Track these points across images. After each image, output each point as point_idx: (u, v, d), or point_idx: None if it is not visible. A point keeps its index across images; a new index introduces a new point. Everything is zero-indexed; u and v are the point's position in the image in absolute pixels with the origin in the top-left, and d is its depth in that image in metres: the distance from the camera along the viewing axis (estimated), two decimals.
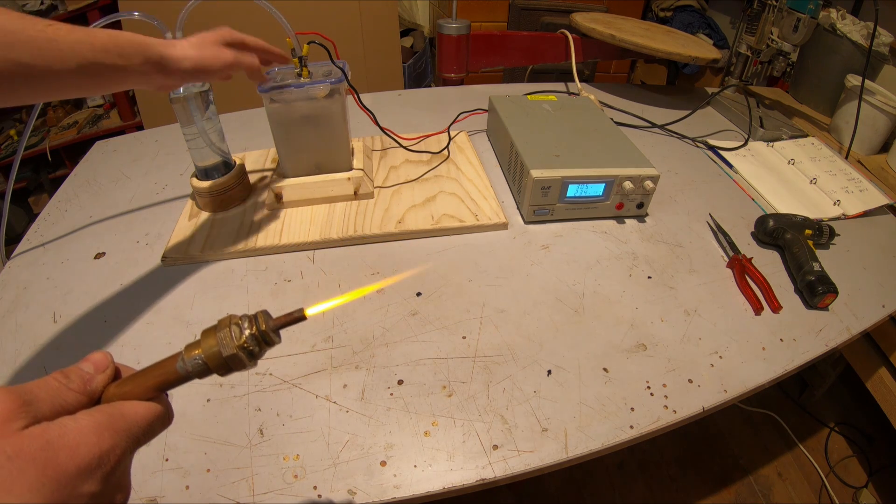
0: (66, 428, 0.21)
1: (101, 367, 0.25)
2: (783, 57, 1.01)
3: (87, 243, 0.66)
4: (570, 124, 0.77)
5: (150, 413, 0.24)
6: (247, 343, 0.24)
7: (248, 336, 0.24)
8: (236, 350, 0.24)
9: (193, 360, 0.24)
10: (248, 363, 0.25)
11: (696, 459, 1.19)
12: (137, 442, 0.23)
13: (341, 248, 0.64)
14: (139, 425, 0.23)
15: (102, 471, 0.21)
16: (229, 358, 0.24)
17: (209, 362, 0.24)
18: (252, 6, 0.58)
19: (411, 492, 0.41)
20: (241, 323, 0.25)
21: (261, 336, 0.25)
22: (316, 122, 0.65)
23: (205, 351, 0.24)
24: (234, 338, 0.24)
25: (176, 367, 0.25)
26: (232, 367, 0.25)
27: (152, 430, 0.24)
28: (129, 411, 0.23)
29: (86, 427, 0.21)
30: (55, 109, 1.95)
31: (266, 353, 0.26)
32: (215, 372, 0.25)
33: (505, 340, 0.53)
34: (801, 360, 0.53)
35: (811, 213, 0.73)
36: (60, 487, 0.19)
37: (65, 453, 0.20)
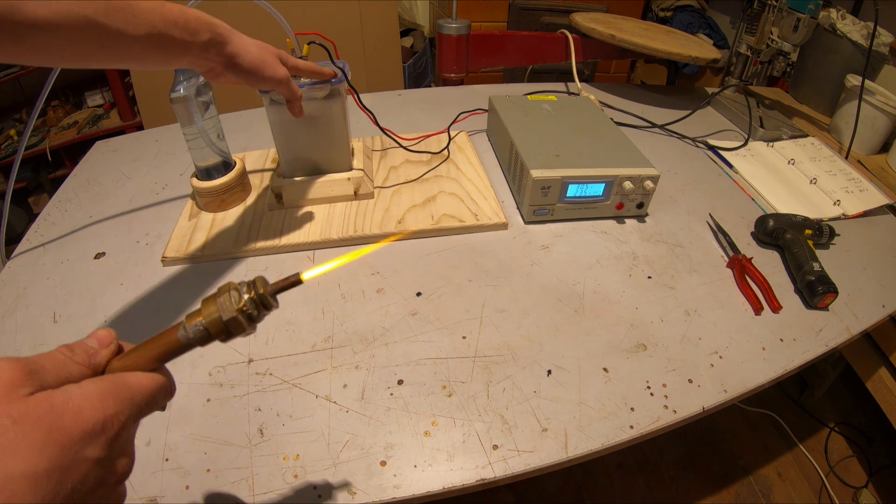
0: (70, 393, 0.21)
1: (105, 343, 0.25)
2: (783, 57, 1.01)
3: (87, 243, 0.66)
4: (570, 124, 0.77)
5: (153, 383, 0.25)
6: (246, 306, 0.25)
7: (247, 300, 0.25)
8: (236, 313, 0.25)
9: (195, 327, 0.25)
10: (247, 327, 0.25)
11: (696, 459, 1.19)
12: (140, 411, 0.24)
13: (341, 249, 0.64)
14: (142, 394, 0.24)
15: (106, 435, 0.21)
16: (229, 322, 0.25)
17: (210, 328, 0.25)
18: (252, 6, 0.58)
19: (411, 492, 0.41)
20: (239, 288, 0.25)
21: (259, 299, 0.25)
22: (316, 123, 0.65)
23: (206, 317, 0.25)
24: (233, 302, 0.25)
25: (178, 335, 0.25)
26: (232, 331, 0.25)
27: (155, 399, 0.25)
28: (133, 381, 0.24)
29: (90, 393, 0.22)
30: (55, 109, 1.96)
31: (265, 317, 0.26)
32: (216, 338, 0.25)
33: (505, 340, 0.53)
34: (801, 360, 0.53)
35: (811, 213, 0.73)
36: (65, 450, 0.20)
37: (69, 417, 0.20)
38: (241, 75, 0.48)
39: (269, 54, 0.51)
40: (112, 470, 0.22)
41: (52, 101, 1.97)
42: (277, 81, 0.51)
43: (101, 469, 0.21)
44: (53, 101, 1.97)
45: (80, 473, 0.20)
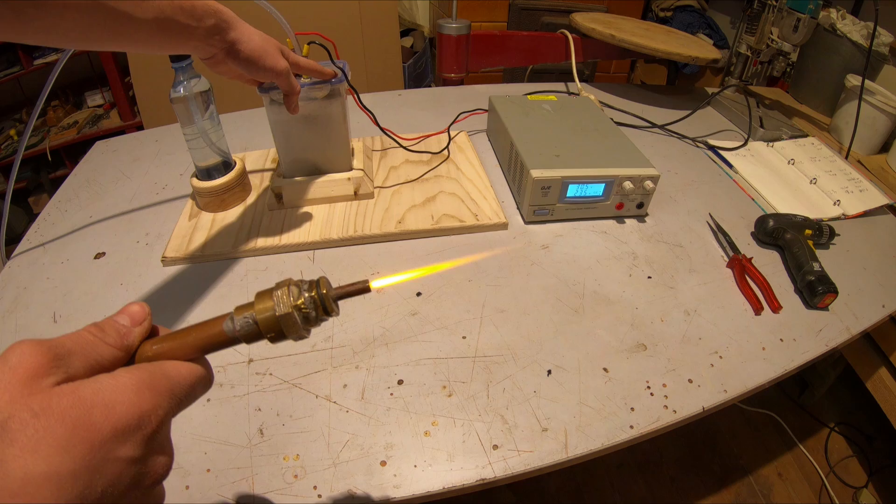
0: (101, 384, 0.19)
1: (138, 320, 0.23)
2: (783, 57, 1.01)
3: (87, 243, 0.66)
4: (570, 124, 0.77)
5: (193, 375, 0.22)
6: (304, 304, 0.23)
7: (307, 297, 0.23)
8: (291, 310, 0.22)
9: (244, 320, 0.23)
10: (301, 328, 0.23)
11: (696, 459, 1.19)
12: (180, 404, 0.22)
13: (341, 249, 0.64)
14: (182, 386, 0.22)
15: (143, 433, 0.19)
16: (282, 318, 0.22)
17: (261, 323, 0.23)
18: (252, 6, 0.58)
19: (411, 492, 0.41)
20: (300, 285, 0.23)
21: (320, 300, 0.23)
22: (316, 123, 0.65)
23: (258, 311, 0.23)
24: (291, 297, 0.23)
25: (223, 327, 0.23)
26: (285, 330, 0.23)
27: (194, 392, 0.23)
28: (172, 371, 0.22)
29: (124, 384, 0.19)
30: (55, 109, 1.96)
31: (323, 323, 0.24)
32: (266, 336, 0.23)
33: (505, 340, 0.53)
34: (801, 360, 0.53)
35: (811, 213, 0.73)
36: (93, 449, 0.17)
37: (99, 411, 0.18)
38: (241, 63, 0.48)
39: (272, 45, 0.51)
40: (148, 470, 0.20)
41: (52, 101, 1.97)
42: (277, 73, 0.51)
43: (136, 470, 0.19)
44: (53, 101, 1.97)
45: (112, 475, 0.18)
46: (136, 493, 0.20)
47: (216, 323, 0.23)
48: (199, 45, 0.44)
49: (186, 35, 0.42)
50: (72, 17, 0.33)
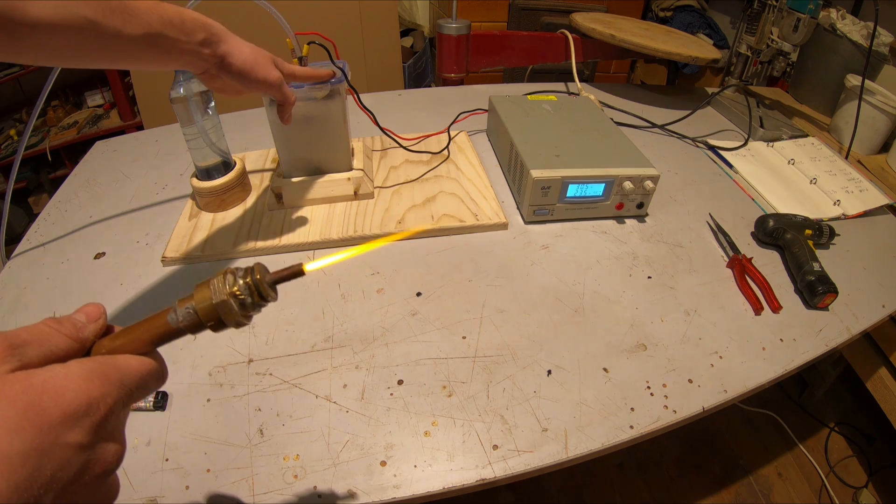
0: (53, 372, 0.20)
1: (93, 317, 0.24)
2: (783, 57, 1.01)
3: (87, 243, 0.66)
4: (570, 124, 0.77)
5: (144, 366, 0.23)
6: (239, 291, 0.23)
7: (241, 284, 0.23)
8: (227, 297, 0.23)
9: (185, 311, 0.23)
10: (239, 314, 0.23)
11: (696, 459, 1.19)
12: (130, 395, 0.22)
13: (341, 249, 0.64)
14: (132, 377, 0.22)
15: (91, 419, 0.20)
16: (219, 305, 0.23)
17: (200, 313, 0.23)
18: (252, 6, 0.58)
19: (411, 492, 0.41)
20: (235, 272, 0.24)
21: (255, 286, 0.23)
22: (316, 123, 0.65)
23: (197, 301, 0.23)
24: (227, 285, 0.23)
25: (167, 319, 0.24)
26: (223, 318, 0.23)
27: (146, 384, 0.23)
28: (123, 363, 0.22)
29: (75, 372, 0.20)
30: (55, 109, 1.96)
31: (261, 308, 0.24)
32: (207, 325, 0.24)
33: (505, 340, 0.53)
34: (801, 360, 0.53)
35: (811, 213, 0.73)
36: (42, 433, 0.18)
37: (49, 397, 0.19)
38: (234, 76, 0.48)
39: (263, 56, 0.51)
40: (98, 458, 0.21)
41: (52, 101, 1.97)
42: (270, 84, 0.51)
43: (85, 456, 0.20)
44: (53, 101, 1.97)
45: (61, 459, 0.19)
46: (86, 478, 0.20)
47: (161, 316, 0.24)
48: (190, 60, 0.44)
49: (177, 50, 0.42)
50: (64, 36, 0.34)
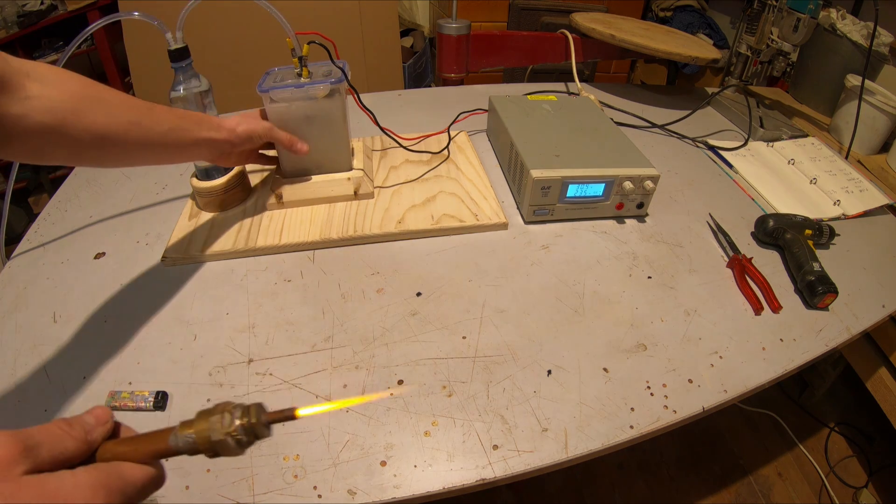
0: (63, 481, 0.21)
1: (102, 421, 0.26)
2: (783, 57, 1.00)
3: (87, 243, 0.66)
4: (570, 124, 0.77)
5: (146, 476, 0.25)
6: (236, 432, 0.25)
7: (237, 426, 0.25)
8: (224, 437, 0.25)
9: (185, 438, 0.25)
10: (234, 450, 0.26)
11: (696, 459, 1.19)
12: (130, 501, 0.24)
13: (341, 248, 0.64)
14: (135, 486, 0.24)
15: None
16: (217, 443, 0.25)
17: (199, 443, 0.25)
18: (252, 6, 0.58)
19: (411, 492, 0.41)
20: (234, 412, 0.26)
21: (250, 428, 0.26)
22: (316, 122, 0.65)
23: (197, 432, 0.25)
24: (224, 425, 0.25)
25: (168, 440, 0.26)
26: (219, 451, 0.26)
27: (145, 491, 0.25)
28: (128, 472, 0.24)
29: (82, 482, 0.22)
30: None
31: (255, 444, 0.27)
32: (203, 453, 0.26)
33: (505, 340, 0.53)
34: (801, 360, 0.53)
35: (811, 213, 0.73)
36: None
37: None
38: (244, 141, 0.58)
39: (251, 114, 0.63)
40: None
41: None
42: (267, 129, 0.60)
43: None
44: None
45: None
46: None
47: (164, 434, 0.26)
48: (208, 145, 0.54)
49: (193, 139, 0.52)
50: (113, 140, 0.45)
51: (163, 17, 0.54)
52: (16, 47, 1.70)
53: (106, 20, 0.56)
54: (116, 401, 0.46)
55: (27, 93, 0.38)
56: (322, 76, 0.63)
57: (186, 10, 0.56)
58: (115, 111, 0.44)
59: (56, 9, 1.71)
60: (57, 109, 0.40)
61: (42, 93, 0.39)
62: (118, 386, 0.48)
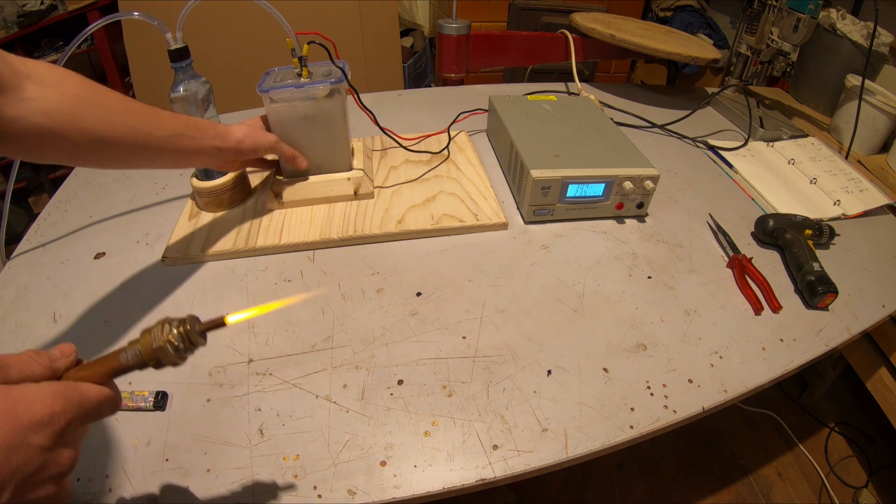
0: (27, 388, 0.25)
1: (66, 354, 0.30)
2: (783, 57, 1.00)
3: (87, 243, 0.66)
4: (570, 124, 0.77)
5: (101, 394, 0.28)
6: (174, 339, 0.29)
7: (175, 333, 0.29)
8: (164, 344, 0.29)
9: (133, 352, 0.29)
10: (173, 357, 0.29)
11: (696, 459, 1.19)
12: (87, 415, 0.27)
13: (341, 248, 0.64)
14: (90, 400, 0.27)
15: (52, 428, 0.25)
16: (158, 350, 0.29)
17: (144, 355, 0.29)
18: (252, 6, 0.58)
19: (411, 492, 0.41)
20: (171, 322, 0.30)
21: (186, 334, 0.29)
22: (316, 122, 0.65)
23: (142, 345, 0.29)
24: (164, 334, 0.29)
25: (120, 358, 0.29)
26: (161, 360, 0.29)
27: (101, 409, 0.28)
28: (84, 388, 0.28)
29: (43, 391, 0.25)
30: None
31: (192, 352, 0.30)
32: (149, 363, 0.29)
33: (505, 340, 0.53)
34: (801, 360, 0.53)
35: (811, 213, 0.73)
36: (13, 433, 0.23)
37: (22, 406, 0.24)
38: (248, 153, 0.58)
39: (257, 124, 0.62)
40: (55, 459, 0.25)
41: None
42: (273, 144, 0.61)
43: (44, 456, 0.25)
44: None
45: (25, 456, 0.24)
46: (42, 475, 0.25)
47: (116, 354, 0.30)
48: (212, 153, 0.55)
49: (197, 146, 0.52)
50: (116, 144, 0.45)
51: (163, 17, 0.54)
52: (16, 47, 1.70)
53: (106, 20, 0.56)
54: None
55: (25, 94, 0.38)
56: (322, 76, 0.63)
57: (186, 10, 0.56)
58: (115, 116, 0.44)
59: (56, 9, 1.71)
60: (54, 112, 0.39)
61: (40, 95, 0.39)
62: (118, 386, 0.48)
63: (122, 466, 0.42)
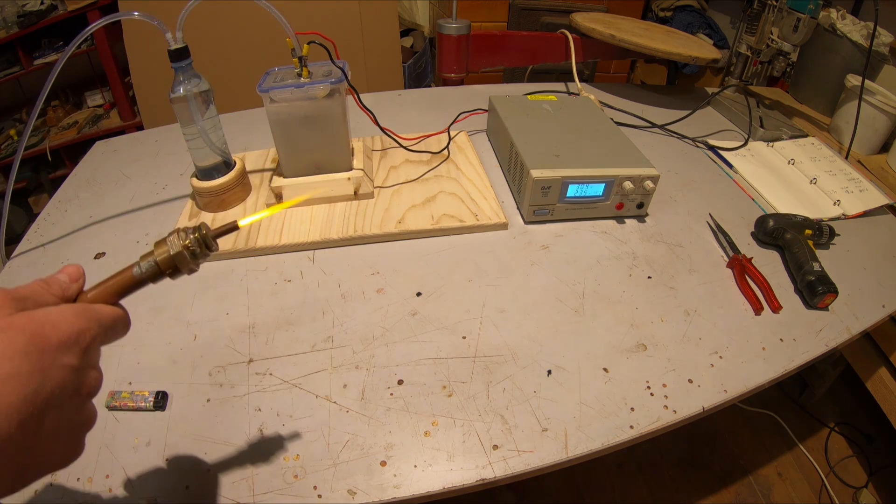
0: (49, 311, 0.25)
1: (75, 278, 0.30)
2: (783, 57, 1.00)
3: (87, 243, 0.66)
4: (570, 124, 0.77)
5: (115, 312, 0.29)
6: (190, 244, 0.30)
7: (192, 238, 0.30)
8: (182, 248, 0.29)
9: (148, 263, 0.30)
10: (190, 263, 0.30)
11: (696, 459, 1.19)
12: (105, 332, 0.27)
13: (341, 248, 0.64)
14: (107, 318, 0.28)
15: (79, 346, 0.25)
16: (176, 256, 0.29)
17: (160, 263, 0.30)
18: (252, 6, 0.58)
19: (411, 492, 0.41)
20: (186, 230, 0.30)
21: (202, 239, 0.30)
22: (316, 122, 0.65)
23: (157, 255, 0.30)
24: (181, 240, 0.30)
25: (132, 272, 0.30)
26: (179, 266, 0.30)
27: (115, 327, 0.29)
28: (100, 308, 0.28)
29: (66, 310, 0.25)
30: (55, 109, 1.96)
31: (206, 257, 0.31)
32: (165, 272, 0.30)
33: (505, 340, 0.53)
34: (801, 360, 0.53)
35: (811, 213, 0.73)
36: (44, 355, 0.23)
37: (49, 327, 0.24)
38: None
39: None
40: (84, 380, 0.25)
41: (52, 101, 1.97)
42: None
43: (76, 377, 0.24)
44: (53, 101, 1.97)
45: (59, 378, 0.23)
46: (76, 399, 0.25)
47: (127, 271, 0.30)
48: None
49: None
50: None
51: (163, 17, 0.54)
52: (16, 47, 1.70)
53: (106, 20, 0.56)
54: (116, 401, 0.46)
55: None
56: (322, 76, 0.63)
57: (186, 10, 0.56)
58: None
59: (56, 9, 1.71)
60: None
61: None
62: (118, 386, 0.48)
63: (122, 466, 0.42)
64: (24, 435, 0.21)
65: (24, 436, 0.21)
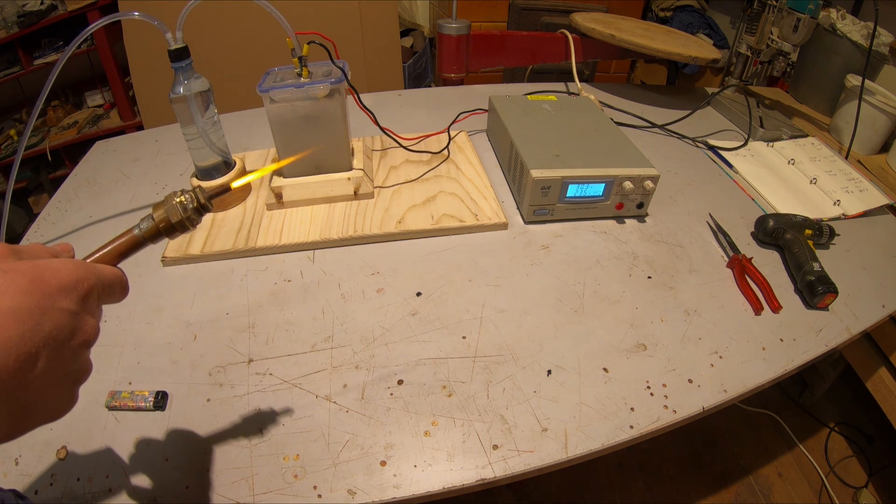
0: (50, 260, 0.26)
1: (67, 250, 0.31)
2: (783, 57, 1.00)
3: (87, 243, 0.66)
4: (570, 124, 0.77)
5: (113, 273, 0.30)
6: (185, 200, 0.32)
7: (187, 196, 0.33)
8: (177, 205, 0.32)
9: (146, 221, 0.32)
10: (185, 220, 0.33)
11: (696, 459, 1.19)
12: (104, 288, 0.28)
13: (341, 248, 0.64)
14: (106, 275, 0.29)
15: (77, 292, 0.26)
16: (172, 214, 0.32)
17: (158, 222, 0.32)
18: (252, 6, 0.58)
19: (411, 492, 0.41)
20: (183, 191, 0.33)
21: (196, 198, 0.33)
22: (316, 122, 0.65)
23: (156, 214, 0.32)
24: (177, 199, 0.32)
25: (133, 232, 0.32)
26: (171, 219, 0.32)
27: (113, 287, 0.29)
28: (99, 266, 0.29)
29: (67, 260, 0.27)
30: (55, 109, 1.96)
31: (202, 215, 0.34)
32: (163, 232, 0.32)
33: (505, 340, 0.53)
34: (801, 360, 0.53)
35: (811, 213, 0.73)
36: (44, 297, 0.24)
37: (49, 272, 0.25)
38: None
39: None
40: (81, 325, 0.26)
41: (52, 101, 1.97)
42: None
43: (73, 321, 0.25)
44: (53, 101, 1.97)
45: (56, 320, 0.24)
46: (72, 344, 0.25)
47: (128, 232, 0.32)
48: None
49: None
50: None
51: (163, 17, 0.54)
52: (16, 47, 1.70)
53: (106, 20, 0.56)
54: (116, 401, 0.46)
55: None
56: (322, 76, 0.63)
57: (186, 10, 0.56)
58: None
59: (56, 9, 1.71)
60: None
61: None
62: (118, 386, 0.48)
63: (122, 466, 0.42)
64: (22, 371, 0.22)
65: (21, 372, 0.22)
